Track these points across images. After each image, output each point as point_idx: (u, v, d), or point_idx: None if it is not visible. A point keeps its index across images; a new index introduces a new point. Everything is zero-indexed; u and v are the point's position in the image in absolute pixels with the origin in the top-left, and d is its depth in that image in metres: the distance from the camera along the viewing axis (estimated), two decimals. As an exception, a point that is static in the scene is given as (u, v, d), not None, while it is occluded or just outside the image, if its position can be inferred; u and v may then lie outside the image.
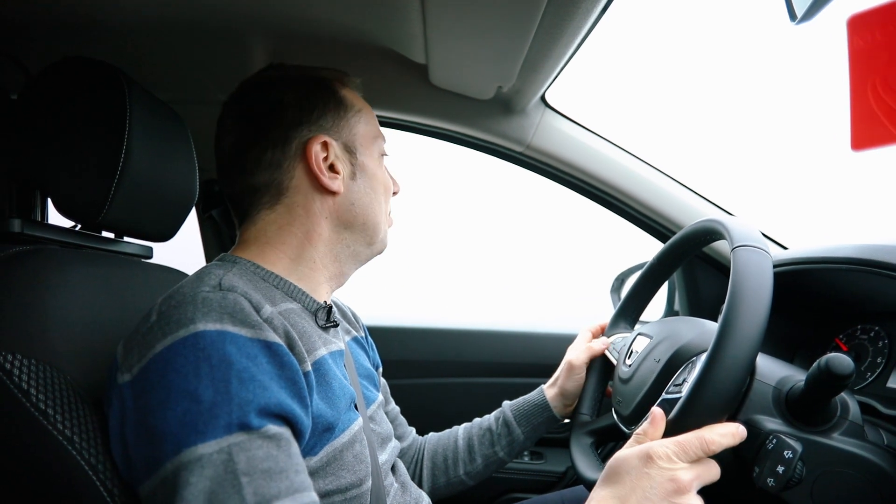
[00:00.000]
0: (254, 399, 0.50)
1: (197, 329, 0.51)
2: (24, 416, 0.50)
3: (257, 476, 0.48)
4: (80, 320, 0.61)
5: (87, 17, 0.90)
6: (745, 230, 0.65)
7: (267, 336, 0.54)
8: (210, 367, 0.50)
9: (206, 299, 0.54)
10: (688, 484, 0.54)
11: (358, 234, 0.72)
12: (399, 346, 1.42)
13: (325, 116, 0.69)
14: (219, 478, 0.47)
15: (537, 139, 1.14)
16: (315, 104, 0.69)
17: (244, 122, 0.69)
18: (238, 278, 0.60)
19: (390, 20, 0.87)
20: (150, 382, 0.50)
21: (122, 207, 0.69)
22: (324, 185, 0.68)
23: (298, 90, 0.70)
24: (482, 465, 0.93)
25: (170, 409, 0.48)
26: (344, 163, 0.70)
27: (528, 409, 0.94)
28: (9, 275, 0.56)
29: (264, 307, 0.58)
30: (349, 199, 0.70)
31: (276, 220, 0.69)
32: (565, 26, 0.77)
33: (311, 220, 0.69)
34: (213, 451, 0.47)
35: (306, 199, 0.69)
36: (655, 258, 0.90)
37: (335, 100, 0.71)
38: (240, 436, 0.48)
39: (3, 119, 0.71)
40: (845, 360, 0.55)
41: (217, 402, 0.49)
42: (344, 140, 0.71)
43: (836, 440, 0.60)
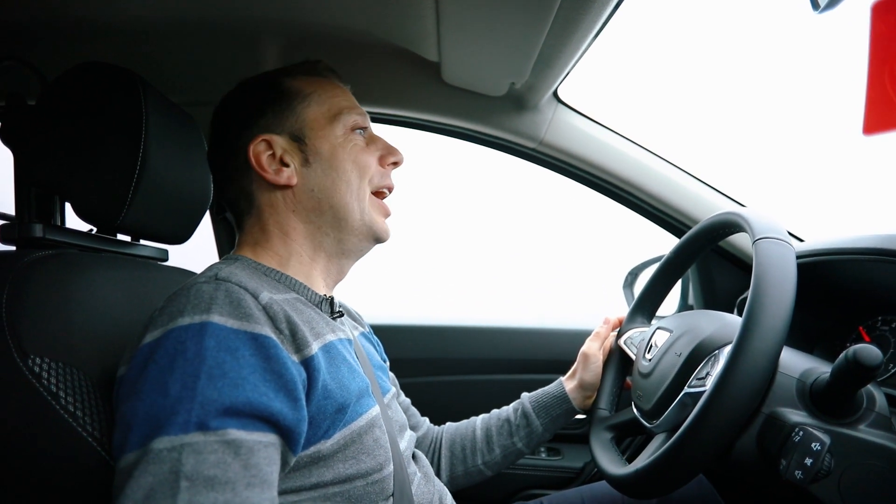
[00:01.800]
0: (218, 398, 0.48)
1: (182, 322, 0.52)
2: (54, 418, 0.50)
3: (199, 483, 0.46)
4: (101, 323, 0.61)
5: (101, 22, 0.90)
6: (766, 222, 0.65)
7: (254, 328, 0.54)
8: (184, 361, 0.50)
9: (199, 291, 0.55)
10: None
11: (329, 218, 0.70)
12: (413, 345, 1.42)
13: (265, 114, 0.70)
14: (161, 477, 0.45)
15: (550, 135, 1.14)
16: (255, 105, 0.71)
17: (212, 141, 0.74)
18: (239, 270, 0.61)
19: (403, 19, 0.87)
20: (134, 373, 0.51)
21: (139, 211, 0.70)
22: (271, 181, 0.69)
23: (243, 98, 0.72)
24: (500, 455, 0.92)
25: (141, 400, 0.49)
26: (292, 153, 0.70)
27: (546, 401, 0.94)
28: (33, 279, 0.57)
29: (262, 293, 0.58)
30: (307, 186, 0.70)
31: (256, 223, 0.71)
32: (580, 21, 0.76)
33: (282, 216, 0.70)
34: (165, 447, 0.46)
35: (270, 199, 0.70)
36: (672, 252, 0.89)
37: (277, 93, 0.71)
38: (195, 436, 0.47)
39: (21, 125, 0.71)
40: (874, 351, 0.54)
41: (181, 397, 0.48)
42: (290, 130, 0.70)
43: (863, 432, 0.59)
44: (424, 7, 0.79)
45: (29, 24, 0.90)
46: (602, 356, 0.95)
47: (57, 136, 0.69)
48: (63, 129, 0.69)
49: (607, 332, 0.97)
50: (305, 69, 0.75)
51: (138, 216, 0.71)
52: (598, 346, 0.95)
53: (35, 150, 0.70)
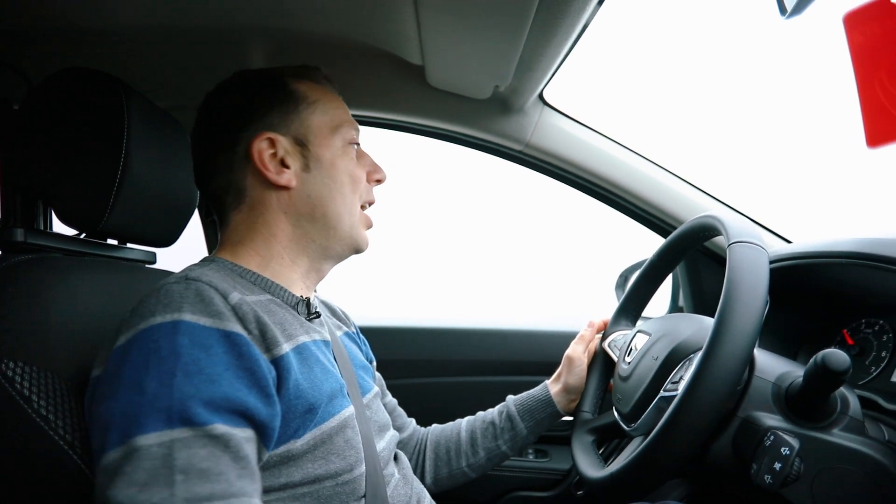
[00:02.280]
0: (196, 393, 0.49)
1: (154, 321, 0.52)
2: (25, 422, 0.51)
3: (193, 475, 0.47)
4: (82, 327, 0.62)
5: (88, 27, 0.91)
6: (741, 226, 0.65)
7: (226, 326, 0.54)
8: (158, 359, 0.50)
9: (169, 290, 0.55)
10: None
11: (319, 226, 0.71)
12: (400, 346, 1.42)
13: (271, 112, 0.70)
14: (154, 471, 0.46)
15: (536, 137, 1.14)
16: (261, 102, 0.70)
17: (203, 129, 0.73)
18: (211, 272, 0.61)
19: (385, 22, 0.87)
20: (108, 374, 0.52)
21: (122, 214, 0.70)
22: (271, 180, 0.68)
23: (247, 90, 0.71)
24: (485, 458, 0.93)
25: (116, 400, 0.49)
26: (294, 156, 0.70)
27: (531, 405, 0.94)
28: (11, 283, 0.57)
29: (232, 294, 0.58)
30: (304, 191, 0.70)
31: (242, 220, 0.71)
32: (559, 24, 0.76)
33: (271, 217, 0.70)
34: (153, 443, 0.47)
35: (263, 197, 0.70)
36: (654, 255, 0.90)
37: (284, 93, 0.71)
38: (183, 431, 0.48)
39: (5, 129, 0.72)
40: (841, 356, 0.54)
41: (159, 394, 0.49)
42: (294, 133, 0.70)
43: (835, 436, 0.59)
44: (405, 11, 0.79)
45: (16, 28, 0.91)
46: (586, 359, 0.95)
47: (40, 140, 0.70)
48: (46, 133, 0.70)
49: (592, 335, 0.98)
50: (309, 75, 0.76)
51: (122, 220, 0.71)
52: (583, 350, 0.95)
53: (19, 154, 0.71)
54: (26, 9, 0.87)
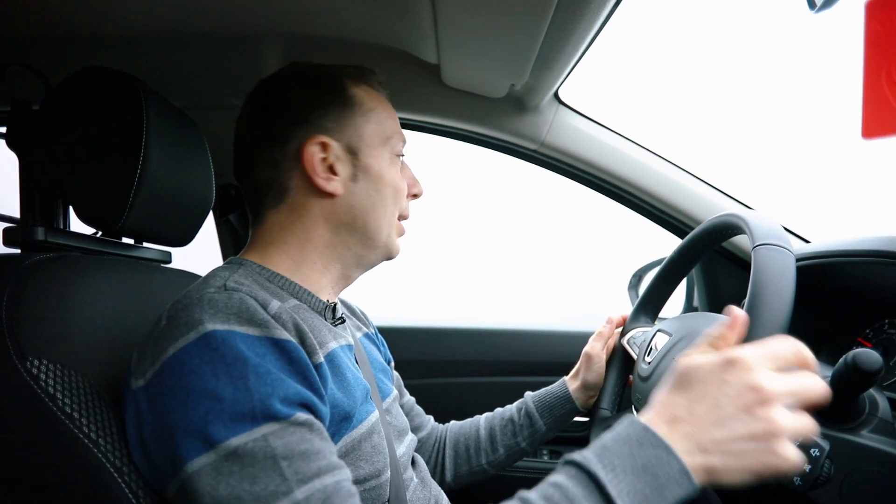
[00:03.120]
0: (273, 391, 0.50)
1: (206, 329, 0.52)
2: (50, 419, 0.51)
3: (296, 458, 0.49)
4: (102, 325, 0.62)
5: (106, 28, 0.91)
6: (766, 226, 0.63)
7: (274, 333, 0.54)
8: (226, 366, 0.50)
9: (212, 300, 0.54)
10: (774, 394, 0.43)
11: (357, 236, 0.70)
12: (417, 347, 1.42)
13: (327, 116, 0.68)
14: (259, 464, 0.47)
15: (551, 136, 1.14)
16: (318, 102, 0.68)
17: (252, 120, 0.70)
18: (243, 278, 0.61)
19: (401, 21, 0.87)
20: (167, 385, 0.50)
21: (140, 214, 0.70)
22: (318, 186, 0.66)
23: (304, 88, 0.69)
24: (504, 455, 0.93)
25: (191, 408, 0.49)
26: (344, 164, 0.68)
27: (550, 401, 0.94)
28: (33, 282, 0.57)
29: (271, 303, 0.58)
30: (349, 201, 0.68)
31: (279, 220, 0.69)
32: (577, 22, 0.76)
33: (310, 222, 0.68)
34: (247, 441, 0.48)
35: (305, 200, 0.68)
36: (674, 253, 0.89)
37: (342, 98, 0.69)
38: (272, 426, 0.49)
39: (26, 130, 0.73)
40: (873, 356, 0.53)
41: (238, 398, 0.49)
42: (347, 140, 0.68)
43: (864, 438, 0.58)
44: (422, 10, 0.79)
45: (35, 30, 0.92)
46: (605, 356, 0.95)
47: (60, 140, 0.70)
48: (65, 133, 0.70)
49: (610, 332, 0.97)
50: (367, 79, 0.73)
51: (140, 219, 0.71)
52: (602, 346, 0.95)
53: (39, 154, 0.71)
54: (45, 12, 0.87)
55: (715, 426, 0.44)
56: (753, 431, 0.43)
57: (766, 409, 0.43)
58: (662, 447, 0.43)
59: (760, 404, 0.43)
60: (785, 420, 0.43)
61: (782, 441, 0.43)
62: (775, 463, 0.43)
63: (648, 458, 0.43)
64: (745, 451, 0.43)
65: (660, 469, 0.43)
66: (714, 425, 0.44)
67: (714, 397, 0.44)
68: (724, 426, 0.43)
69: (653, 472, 0.43)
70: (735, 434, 0.43)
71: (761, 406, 0.43)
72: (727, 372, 0.45)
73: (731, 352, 0.46)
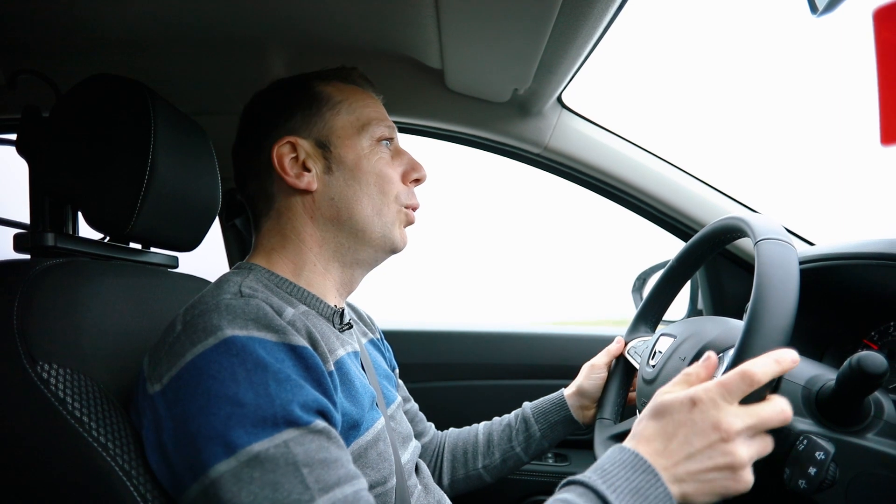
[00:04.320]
0: (293, 398, 0.51)
1: (226, 335, 0.52)
2: (60, 423, 0.51)
3: (316, 466, 0.49)
4: (111, 329, 0.63)
5: (114, 35, 0.92)
6: (767, 224, 0.64)
7: (291, 340, 0.55)
8: (246, 371, 0.50)
9: (230, 306, 0.55)
10: (734, 432, 0.50)
11: (346, 230, 0.70)
12: (420, 350, 1.42)
13: (293, 116, 0.70)
14: (281, 470, 0.48)
15: (555, 140, 1.14)
16: (284, 106, 0.70)
17: (238, 136, 0.74)
18: (256, 283, 0.62)
19: (405, 26, 0.87)
20: (186, 390, 0.50)
21: (148, 219, 0.71)
22: (290, 184, 0.68)
23: (273, 97, 0.72)
24: (500, 460, 0.93)
25: (212, 414, 0.49)
26: (315, 159, 0.69)
27: (545, 407, 0.95)
28: (44, 287, 0.58)
29: (286, 310, 0.59)
30: (327, 194, 0.69)
31: (273, 226, 0.71)
32: (580, 27, 0.76)
33: (299, 222, 0.70)
34: (268, 447, 0.48)
35: (289, 202, 0.70)
36: (676, 258, 0.88)
37: (308, 97, 0.71)
38: (292, 432, 0.49)
39: (36, 136, 0.74)
40: (878, 359, 0.53)
41: (260, 403, 0.49)
42: (316, 136, 0.70)
43: (870, 441, 0.58)
44: (425, 15, 0.80)
45: (45, 38, 0.93)
46: (607, 370, 0.94)
47: (69, 146, 0.71)
48: (75, 140, 0.71)
49: (618, 351, 0.96)
50: (340, 75, 0.75)
51: (148, 224, 0.72)
52: (606, 361, 0.94)
53: (48, 160, 0.72)
54: (55, 22, 0.88)
55: (687, 460, 0.51)
56: (718, 464, 0.50)
57: (728, 445, 0.50)
58: (652, 473, 0.50)
59: (723, 442, 0.50)
60: (743, 453, 0.50)
61: (745, 470, 0.50)
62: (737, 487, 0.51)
63: (641, 482, 0.50)
64: (712, 480, 0.50)
65: (650, 492, 0.49)
66: (686, 459, 0.51)
67: (685, 435, 0.51)
68: (695, 460, 0.50)
69: (644, 494, 0.49)
70: (703, 467, 0.50)
71: (724, 443, 0.50)
72: (694, 412, 0.52)
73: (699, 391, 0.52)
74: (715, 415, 0.51)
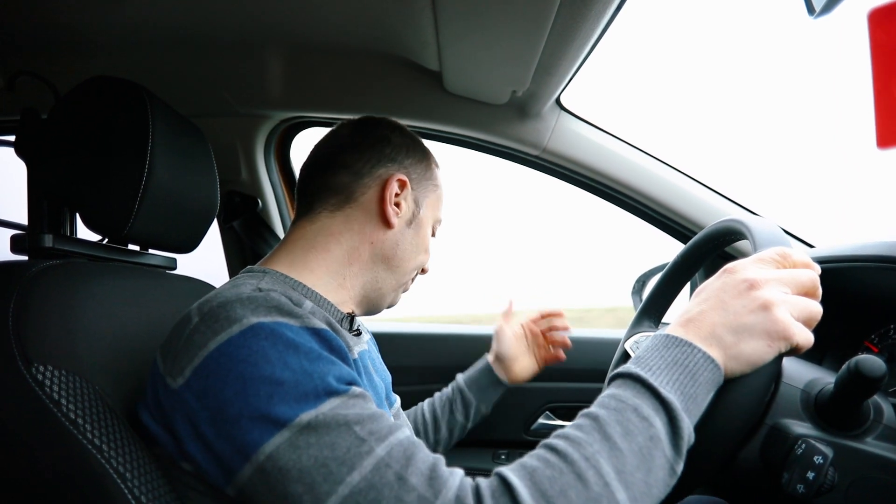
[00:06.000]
0: (328, 371, 0.52)
1: (251, 322, 0.52)
2: (55, 425, 0.51)
3: (367, 421, 0.50)
4: (108, 331, 0.63)
5: (113, 37, 0.93)
6: (768, 232, 0.64)
7: (313, 323, 0.56)
8: (278, 353, 0.51)
9: (252, 297, 0.55)
10: (762, 280, 0.52)
11: (389, 272, 0.76)
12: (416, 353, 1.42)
13: (415, 167, 0.77)
14: (334, 431, 0.49)
15: (553, 142, 1.14)
16: (412, 155, 0.77)
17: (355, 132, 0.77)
18: (271, 284, 0.63)
19: (403, 28, 0.88)
20: (215, 378, 0.50)
21: (146, 221, 0.71)
22: (385, 211, 0.73)
23: (405, 139, 0.78)
24: (446, 430, 1.03)
25: (252, 395, 0.49)
26: (408, 208, 0.76)
27: (474, 375, 1.07)
28: (40, 288, 0.58)
29: (305, 303, 0.61)
30: (396, 238, 0.75)
31: (331, 225, 0.73)
32: (578, 28, 0.76)
33: (359, 239, 0.73)
34: (318, 413, 0.49)
35: (365, 218, 0.73)
36: (677, 258, 0.89)
37: (427, 162, 0.80)
38: (334, 400, 0.51)
39: (34, 138, 0.74)
40: (877, 362, 0.53)
41: (299, 380, 0.50)
42: (417, 193, 0.77)
43: (869, 445, 0.58)
44: (423, 17, 0.80)
45: (44, 39, 0.93)
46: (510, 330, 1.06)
47: (67, 148, 0.71)
48: (73, 141, 0.71)
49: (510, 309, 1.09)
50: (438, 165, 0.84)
51: (145, 226, 0.72)
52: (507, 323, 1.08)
53: (47, 161, 0.72)
54: (54, 23, 0.89)
55: (720, 315, 0.52)
56: (750, 307, 0.51)
57: (757, 290, 0.52)
58: (684, 343, 0.52)
59: (752, 288, 0.52)
60: (774, 294, 0.51)
61: (778, 308, 0.51)
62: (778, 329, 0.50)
63: (675, 354, 0.52)
64: (750, 326, 0.51)
65: (687, 360, 0.51)
66: (719, 315, 0.52)
67: (717, 297, 0.54)
68: (728, 312, 0.52)
69: (683, 363, 0.51)
70: (737, 315, 0.51)
71: (753, 289, 0.52)
72: (724, 276, 0.55)
73: (728, 265, 0.56)
74: (744, 273, 0.53)
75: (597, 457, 0.47)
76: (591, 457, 0.47)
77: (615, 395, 0.51)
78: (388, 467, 0.48)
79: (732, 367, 0.51)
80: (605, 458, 0.47)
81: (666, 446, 0.48)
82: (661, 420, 0.49)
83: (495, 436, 1.35)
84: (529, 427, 1.36)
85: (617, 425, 0.48)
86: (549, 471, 0.47)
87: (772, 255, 0.55)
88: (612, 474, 0.46)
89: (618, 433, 0.48)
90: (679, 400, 0.49)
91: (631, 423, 0.48)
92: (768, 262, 0.55)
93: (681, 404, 0.49)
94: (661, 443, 0.48)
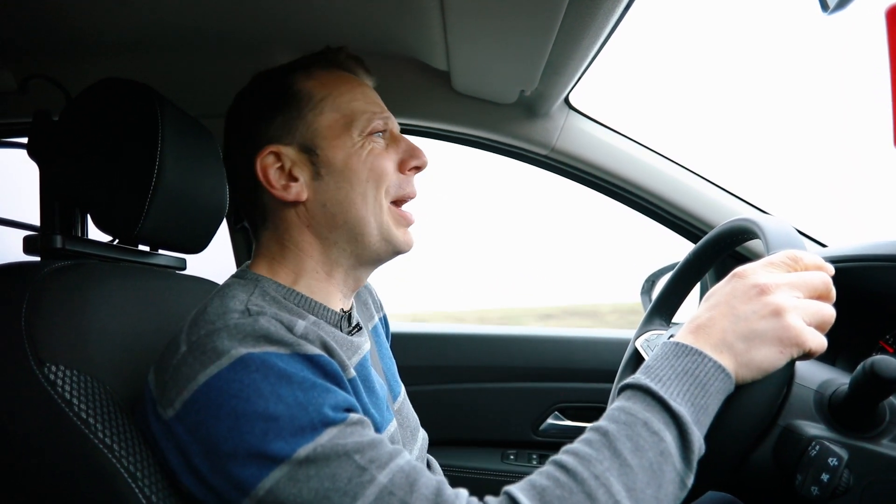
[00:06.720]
0: (324, 401, 0.50)
1: (240, 354, 0.50)
2: (67, 425, 0.52)
3: (366, 449, 0.49)
4: (118, 331, 0.63)
5: (123, 39, 0.93)
6: (781, 231, 0.63)
7: (306, 350, 0.53)
8: (270, 385, 0.49)
9: (238, 326, 0.53)
10: (773, 285, 0.51)
11: (345, 235, 0.65)
12: (427, 352, 1.42)
13: (273, 123, 0.65)
14: (334, 462, 0.48)
15: (562, 142, 1.14)
16: (264, 110, 0.66)
17: (224, 146, 0.71)
18: (262, 300, 0.60)
19: (411, 29, 0.88)
20: (206, 413, 0.49)
21: (156, 221, 0.72)
22: (279, 197, 0.64)
23: (249, 102, 0.68)
24: None
25: (246, 433, 0.48)
26: (302, 165, 0.64)
27: None
28: (52, 289, 0.59)
29: (297, 323, 0.57)
30: (319, 201, 0.64)
31: (271, 237, 0.67)
32: (587, 27, 0.76)
33: (296, 233, 0.66)
34: (315, 446, 0.48)
35: (283, 214, 0.66)
36: (687, 257, 0.88)
37: (287, 98, 0.65)
38: (331, 430, 0.49)
39: (46, 140, 0.74)
40: (892, 363, 0.52)
41: (294, 414, 0.49)
42: (300, 140, 0.65)
43: (885, 447, 0.57)
44: (431, 17, 0.79)
45: (55, 43, 0.94)
46: None
47: (79, 150, 0.71)
48: (84, 143, 0.71)
49: None
50: (325, 61, 0.69)
51: (155, 227, 0.73)
52: None
53: (58, 163, 0.73)
54: (65, 26, 0.90)
55: (730, 322, 0.51)
56: (761, 313, 0.50)
57: (767, 296, 0.51)
58: (694, 352, 0.51)
59: (762, 293, 0.51)
60: (785, 300, 0.50)
61: (789, 314, 0.49)
62: (790, 335, 0.49)
63: (686, 364, 0.51)
64: (761, 332, 0.50)
65: (698, 370, 0.50)
66: (730, 321, 0.51)
67: (727, 302, 0.52)
68: (738, 319, 0.51)
69: (693, 373, 0.50)
70: (747, 321, 0.50)
71: (763, 294, 0.51)
72: (734, 281, 0.54)
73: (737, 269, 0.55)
74: (754, 278, 0.52)
75: (607, 475, 0.46)
76: (601, 475, 0.46)
77: (624, 407, 0.50)
78: (392, 495, 0.47)
79: (743, 375, 0.51)
80: (615, 476, 0.46)
81: (676, 460, 0.47)
82: (672, 434, 0.48)
83: (504, 436, 1.34)
84: (538, 427, 1.35)
85: (627, 441, 0.47)
86: (558, 490, 0.46)
87: (782, 259, 0.54)
88: (622, 493, 0.45)
89: (628, 449, 0.47)
90: (689, 412, 0.48)
91: (641, 439, 0.47)
92: (779, 266, 0.54)
93: (691, 416, 0.48)
94: (672, 457, 0.47)
